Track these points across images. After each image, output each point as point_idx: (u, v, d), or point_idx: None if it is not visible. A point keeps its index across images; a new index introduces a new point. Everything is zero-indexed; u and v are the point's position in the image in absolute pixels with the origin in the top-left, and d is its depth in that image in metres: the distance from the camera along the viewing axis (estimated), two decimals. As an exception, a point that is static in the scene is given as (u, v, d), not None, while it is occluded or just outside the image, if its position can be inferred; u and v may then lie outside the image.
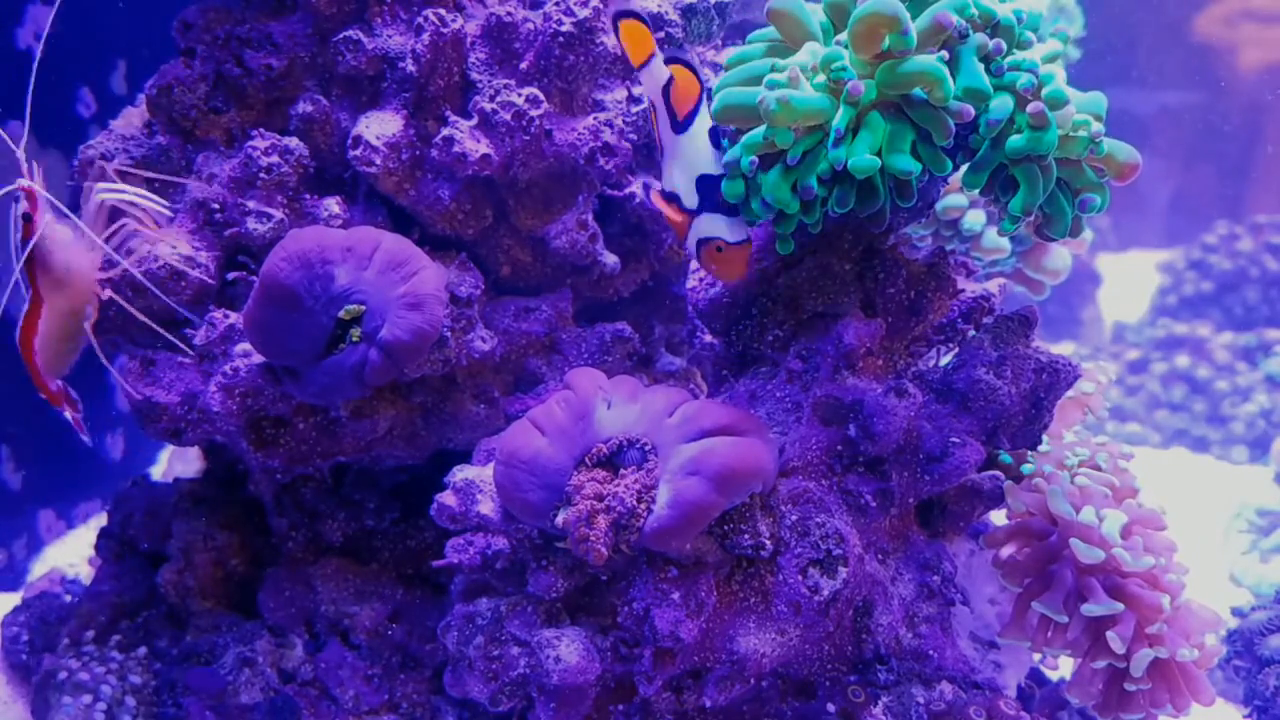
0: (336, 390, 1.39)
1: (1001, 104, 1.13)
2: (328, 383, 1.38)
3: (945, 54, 1.13)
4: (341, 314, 1.36)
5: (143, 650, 1.59)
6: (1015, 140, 1.14)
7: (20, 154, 1.35)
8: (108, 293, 1.43)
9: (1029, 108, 1.13)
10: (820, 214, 1.20)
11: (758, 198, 1.20)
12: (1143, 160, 1.21)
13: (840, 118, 1.12)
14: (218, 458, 1.73)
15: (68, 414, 1.50)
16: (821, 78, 1.15)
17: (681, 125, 1.27)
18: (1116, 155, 1.19)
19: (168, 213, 1.48)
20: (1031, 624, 1.30)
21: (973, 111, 1.13)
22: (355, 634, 1.57)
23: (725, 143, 1.26)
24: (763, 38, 1.27)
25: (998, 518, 1.41)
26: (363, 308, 1.37)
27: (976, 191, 1.22)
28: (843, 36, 1.18)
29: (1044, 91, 1.13)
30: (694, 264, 1.41)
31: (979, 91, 1.13)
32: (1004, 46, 1.15)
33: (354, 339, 1.36)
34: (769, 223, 1.27)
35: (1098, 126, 1.16)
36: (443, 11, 1.47)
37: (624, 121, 1.56)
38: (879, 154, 1.12)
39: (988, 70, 1.14)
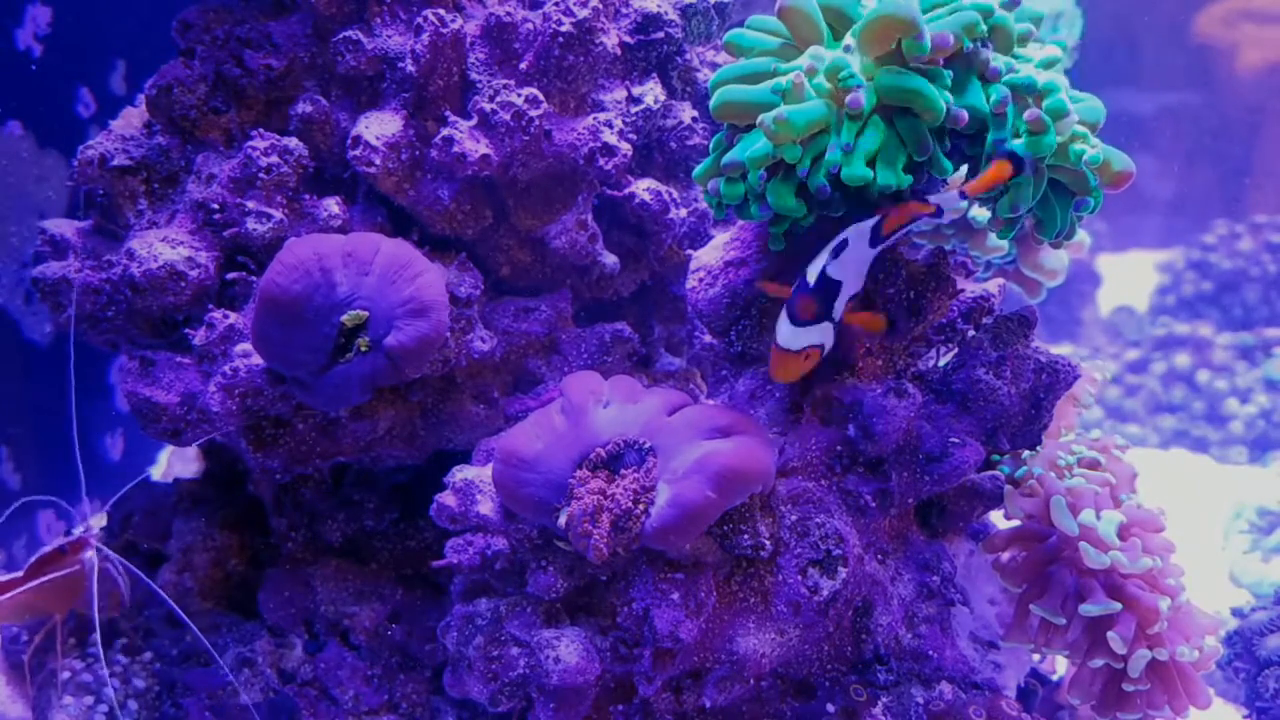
0: (345, 399, 1.39)
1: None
2: (335, 393, 1.38)
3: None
4: (344, 319, 1.36)
5: (148, 655, 1.59)
6: (1013, 145, 1.14)
7: None
8: None
9: (1026, 114, 1.13)
10: (814, 215, 1.20)
11: (758, 203, 1.20)
12: (1142, 160, 1.20)
13: (845, 132, 1.13)
14: (217, 458, 1.73)
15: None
16: (820, 79, 1.15)
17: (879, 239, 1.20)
18: (1112, 163, 1.19)
19: None
20: (1033, 626, 1.30)
21: (967, 117, 1.13)
22: (355, 634, 1.57)
23: (721, 142, 1.25)
24: (763, 26, 1.26)
25: (997, 518, 1.41)
26: (365, 314, 1.36)
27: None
28: (850, 41, 1.18)
29: (1045, 101, 1.13)
30: (694, 264, 1.41)
31: (979, 111, 1.14)
32: (1000, 71, 1.15)
33: (362, 349, 1.35)
34: (762, 223, 1.26)
35: (1093, 154, 1.16)
36: (442, 11, 1.47)
37: (624, 121, 1.56)
38: (872, 164, 1.13)
39: (985, 81, 1.15)
